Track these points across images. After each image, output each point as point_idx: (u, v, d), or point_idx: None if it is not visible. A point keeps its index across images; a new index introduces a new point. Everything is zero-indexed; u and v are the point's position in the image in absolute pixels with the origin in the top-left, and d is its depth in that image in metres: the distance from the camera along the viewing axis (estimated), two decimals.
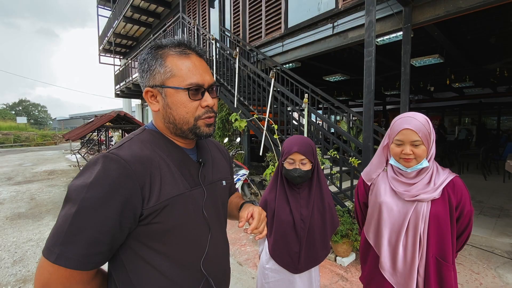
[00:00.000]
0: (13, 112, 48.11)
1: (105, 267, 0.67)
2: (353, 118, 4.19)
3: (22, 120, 32.06)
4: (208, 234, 0.72)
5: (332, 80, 7.75)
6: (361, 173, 1.37)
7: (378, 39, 4.24)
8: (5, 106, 51.17)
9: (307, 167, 1.21)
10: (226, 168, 0.90)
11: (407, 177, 1.17)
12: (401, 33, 3.49)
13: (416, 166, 1.12)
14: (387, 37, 4.07)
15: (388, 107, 14.08)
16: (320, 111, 4.78)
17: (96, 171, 0.57)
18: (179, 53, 0.67)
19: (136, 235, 0.62)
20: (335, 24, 4.21)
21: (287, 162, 1.22)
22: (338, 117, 8.25)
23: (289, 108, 4.13)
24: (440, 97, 12.11)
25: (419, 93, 11.12)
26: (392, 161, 1.20)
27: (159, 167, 0.64)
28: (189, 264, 0.68)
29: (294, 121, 4.47)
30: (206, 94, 0.69)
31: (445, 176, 1.15)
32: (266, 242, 1.31)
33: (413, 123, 1.11)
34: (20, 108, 52.47)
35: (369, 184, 1.30)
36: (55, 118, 55.60)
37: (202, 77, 0.68)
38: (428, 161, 1.13)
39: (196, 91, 0.67)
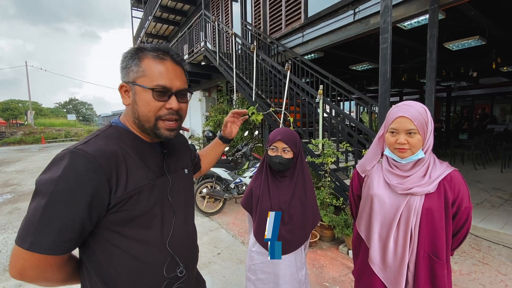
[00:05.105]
0: (65, 110, 53.53)
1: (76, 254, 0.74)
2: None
3: (72, 117, 35.64)
4: (173, 218, 0.78)
5: (359, 69, 7.37)
6: (356, 165, 1.34)
7: (405, 23, 3.94)
8: (58, 105, 57.09)
9: (289, 155, 1.27)
10: (187, 157, 0.96)
11: (402, 169, 1.12)
12: (427, 15, 3.21)
13: (411, 157, 1.07)
14: (415, 20, 3.76)
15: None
16: (341, 102, 4.61)
17: (63, 166, 0.61)
18: (155, 57, 0.71)
19: (105, 223, 0.68)
20: (356, 10, 4.00)
21: (271, 150, 1.29)
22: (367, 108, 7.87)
23: (305, 99, 4.05)
24: (488, 83, 10.87)
25: (460, 80, 10.09)
26: (386, 151, 1.16)
27: (124, 160, 0.69)
28: (156, 244, 0.74)
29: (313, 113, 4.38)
30: (173, 98, 0.73)
31: (442, 170, 1.08)
32: (253, 228, 1.37)
33: (409, 111, 1.05)
34: (70, 106, 58.17)
35: (363, 176, 1.27)
36: (100, 115, 60.37)
37: (171, 82, 0.72)
38: (425, 153, 1.07)
39: (162, 93, 0.71)
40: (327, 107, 3.58)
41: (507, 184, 4.70)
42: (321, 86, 3.38)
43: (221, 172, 3.98)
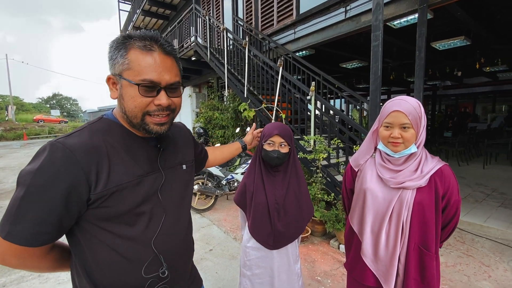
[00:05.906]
0: (48, 106, 51.65)
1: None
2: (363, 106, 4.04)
3: (55, 112, 34.38)
4: (163, 216, 0.75)
5: (349, 67, 7.46)
6: (350, 159, 1.36)
7: (395, 22, 4.00)
8: (40, 100, 55.01)
9: (285, 150, 1.27)
10: (188, 152, 0.92)
11: (394, 163, 1.14)
12: (417, 15, 3.27)
13: (404, 151, 1.09)
14: (404, 19, 3.83)
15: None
16: (332, 100, 4.64)
17: (43, 158, 0.60)
18: (142, 47, 0.66)
19: (88, 217, 0.66)
20: (348, 8, 4.03)
21: (267, 144, 1.28)
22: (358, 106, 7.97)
23: (297, 96, 4.07)
24: (471, 83, 11.24)
25: (446, 79, 10.39)
26: (380, 145, 1.17)
27: (108, 155, 0.66)
28: (140, 242, 0.71)
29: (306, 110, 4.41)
30: (162, 93, 0.68)
31: (433, 164, 1.11)
32: (247, 224, 1.37)
33: (404, 105, 1.07)
34: (54, 101, 56.15)
35: (356, 170, 1.29)
36: (85, 110, 58.41)
37: (160, 75, 0.67)
38: (417, 147, 1.09)
39: (149, 87, 0.66)
40: (319, 103, 3.61)
41: (489, 179, 4.90)
42: (313, 83, 3.40)
43: (213, 169, 3.96)
